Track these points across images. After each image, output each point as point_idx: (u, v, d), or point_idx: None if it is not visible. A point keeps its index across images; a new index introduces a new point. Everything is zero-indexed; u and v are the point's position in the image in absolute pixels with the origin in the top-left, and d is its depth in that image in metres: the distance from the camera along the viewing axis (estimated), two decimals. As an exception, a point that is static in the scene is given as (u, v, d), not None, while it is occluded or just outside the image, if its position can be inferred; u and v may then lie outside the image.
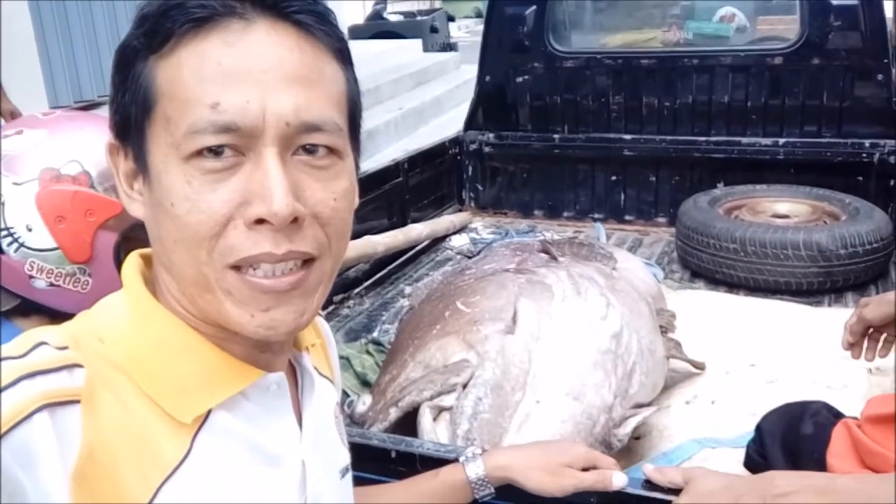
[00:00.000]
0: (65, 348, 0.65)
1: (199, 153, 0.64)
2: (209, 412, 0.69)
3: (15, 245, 1.09)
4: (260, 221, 0.64)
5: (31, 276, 1.10)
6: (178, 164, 0.65)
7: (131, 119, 0.68)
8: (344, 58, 0.72)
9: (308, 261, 0.69)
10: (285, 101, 0.65)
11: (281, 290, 0.67)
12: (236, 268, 0.66)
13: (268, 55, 0.65)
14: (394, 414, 1.49)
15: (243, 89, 0.64)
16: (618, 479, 1.10)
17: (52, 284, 1.11)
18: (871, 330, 1.60)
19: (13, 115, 3.78)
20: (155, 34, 0.66)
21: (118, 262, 1.08)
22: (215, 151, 0.64)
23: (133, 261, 0.75)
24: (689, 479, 1.09)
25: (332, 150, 0.69)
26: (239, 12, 0.65)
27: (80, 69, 6.06)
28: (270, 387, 0.75)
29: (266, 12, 0.66)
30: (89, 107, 6.08)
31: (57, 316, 1.08)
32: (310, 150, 0.67)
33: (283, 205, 0.63)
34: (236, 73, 0.64)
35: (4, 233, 1.09)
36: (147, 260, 0.75)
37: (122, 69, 0.69)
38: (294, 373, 0.83)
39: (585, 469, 1.11)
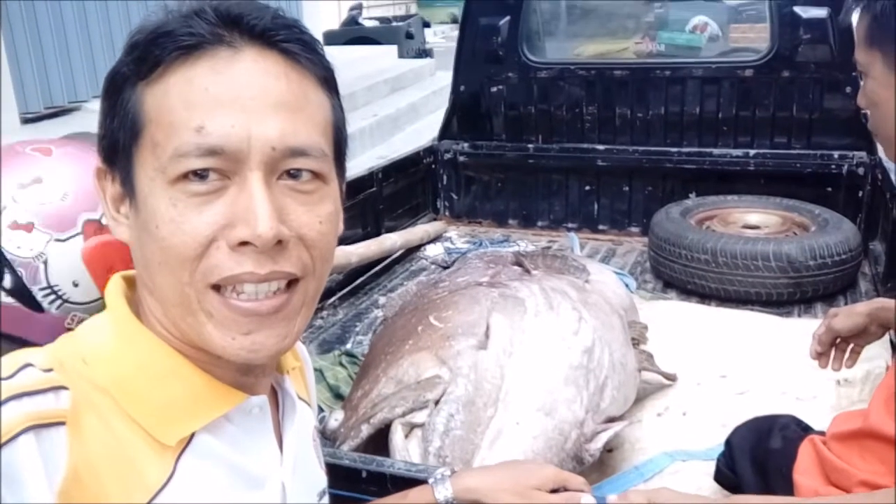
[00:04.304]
0: (50, 370, 0.65)
1: (184, 176, 0.65)
2: (192, 435, 0.70)
3: (58, 302, 1.04)
4: (244, 244, 0.65)
5: (68, 329, 1.05)
6: (164, 187, 0.65)
7: (119, 144, 0.69)
8: (330, 86, 0.73)
9: (292, 282, 0.69)
10: (271, 127, 0.66)
11: (263, 314, 0.68)
12: (217, 288, 0.67)
13: (255, 82, 0.66)
14: (365, 431, 1.48)
15: (229, 114, 0.65)
16: (586, 501, 1.11)
17: None
18: (838, 340, 1.61)
19: None
20: (144, 61, 0.66)
21: None
22: (200, 175, 0.65)
23: (116, 283, 0.75)
24: (651, 501, 1.09)
25: (316, 175, 0.70)
26: (227, 41, 0.66)
27: (50, 75, 5.98)
28: (253, 410, 0.75)
29: (254, 41, 0.67)
30: (59, 113, 6.01)
31: None
32: (294, 174, 0.68)
33: (267, 228, 0.64)
34: (223, 99, 0.65)
35: (47, 291, 1.03)
36: (129, 282, 0.76)
37: (111, 95, 0.69)
38: (275, 395, 0.83)
39: (555, 490, 1.11)
